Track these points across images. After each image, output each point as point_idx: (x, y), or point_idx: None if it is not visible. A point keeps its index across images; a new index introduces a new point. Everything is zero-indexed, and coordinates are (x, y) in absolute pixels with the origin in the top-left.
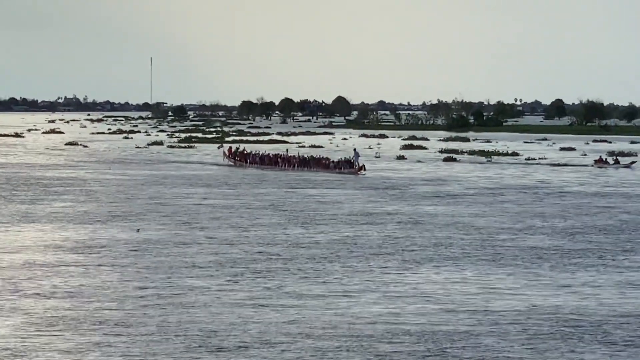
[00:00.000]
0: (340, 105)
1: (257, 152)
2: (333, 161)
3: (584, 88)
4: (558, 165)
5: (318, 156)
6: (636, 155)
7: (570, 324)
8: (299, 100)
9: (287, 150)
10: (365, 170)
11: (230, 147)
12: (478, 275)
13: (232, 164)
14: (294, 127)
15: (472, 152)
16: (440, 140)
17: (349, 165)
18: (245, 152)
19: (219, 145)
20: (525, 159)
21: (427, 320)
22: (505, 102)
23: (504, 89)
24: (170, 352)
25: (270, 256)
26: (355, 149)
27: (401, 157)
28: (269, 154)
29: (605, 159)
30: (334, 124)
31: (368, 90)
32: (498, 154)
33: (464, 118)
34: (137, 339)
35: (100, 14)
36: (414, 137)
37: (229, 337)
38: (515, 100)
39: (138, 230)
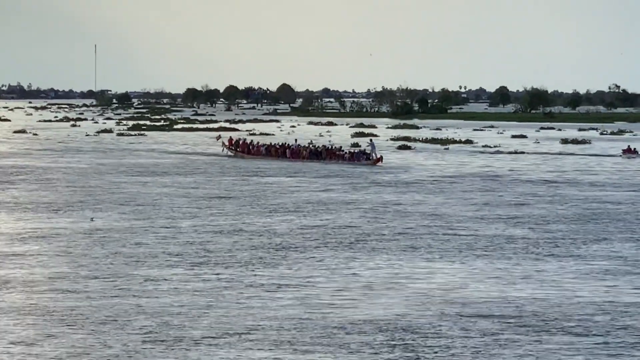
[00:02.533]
0: (285, 93)
1: (259, 142)
2: (349, 152)
3: (528, 75)
4: (587, 155)
5: (331, 147)
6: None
7: (533, 314)
8: (243, 88)
9: (295, 140)
10: (382, 161)
11: (231, 137)
12: (441, 265)
13: (231, 154)
14: (235, 114)
15: (425, 140)
16: (388, 127)
17: (365, 157)
18: (247, 142)
19: (218, 135)
20: (483, 146)
21: (390, 311)
22: (450, 90)
23: (449, 76)
24: (125, 343)
25: (231, 246)
26: (370, 140)
27: (355, 145)
28: (274, 144)
29: (634, 148)
30: (278, 111)
31: (313, 78)
32: (452, 141)
33: (408, 105)
34: (91, 329)
35: (43, 1)
36: (362, 125)
37: (187, 328)
38: (460, 87)
39: (92, 220)
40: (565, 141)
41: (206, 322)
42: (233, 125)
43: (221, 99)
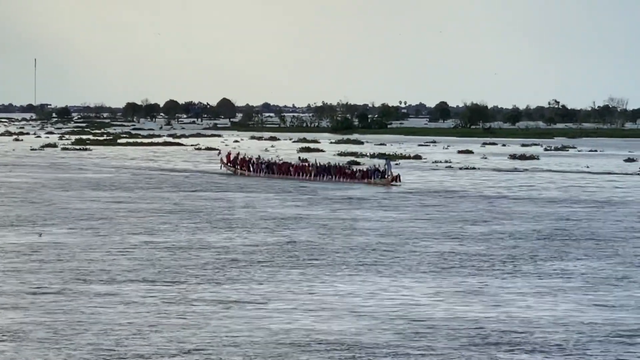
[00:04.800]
0: (225, 107)
1: (260, 158)
2: (360, 170)
3: (468, 91)
4: (605, 174)
5: (339, 164)
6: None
7: (490, 332)
8: (183, 102)
9: (299, 157)
10: (400, 180)
11: (229, 153)
12: (397, 282)
13: (230, 172)
14: (174, 128)
15: (373, 155)
16: (332, 142)
17: (379, 175)
18: (247, 159)
19: (218, 151)
20: (433, 162)
21: (345, 329)
22: (390, 105)
23: (389, 91)
24: (65, 359)
25: (182, 262)
26: (386, 157)
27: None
28: (277, 161)
29: None
30: (218, 126)
31: (253, 93)
32: (401, 157)
33: (348, 120)
34: (37, 345)
35: None
36: (305, 140)
37: (136, 345)
38: (400, 102)
39: (40, 235)
40: (513, 156)
41: (155, 338)
42: (178, 140)
43: (161, 114)
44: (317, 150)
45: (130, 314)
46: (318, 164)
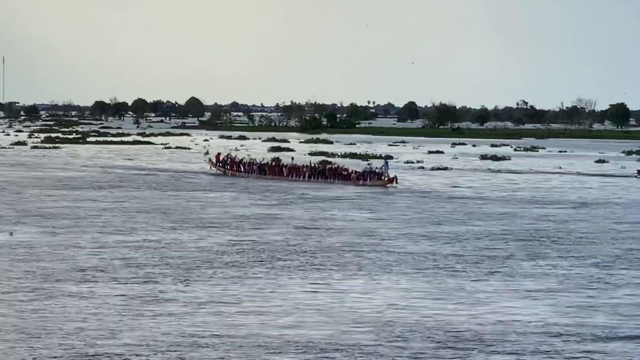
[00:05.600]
0: (194, 106)
1: (252, 159)
2: (355, 171)
3: (436, 91)
4: (597, 176)
5: (334, 165)
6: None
7: (466, 333)
8: (152, 101)
9: (292, 158)
10: (397, 182)
11: (219, 154)
12: (373, 283)
13: (220, 172)
14: (150, 127)
15: (344, 155)
16: (301, 142)
17: (376, 177)
18: (238, 160)
19: (206, 151)
20: (405, 162)
21: (319, 331)
22: (358, 104)
23: (357, 91)
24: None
25: (155, 261)
26: (385, 158)
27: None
28: (269, 162)
29: None
30: (187, 124)
31: (221, 92)
32: (373, 157)
33: (316, 120)
34: (7, 346)
35: None
36: (274, 139)
37: (103, 346)
38: (369, 102)
39: (11, 234)
40: (484, 157)
41: (127, 338)
42: (147, 139)
43: (129, 112)
44: (288, 149)
45: (102, 313)
46: (311, 166)
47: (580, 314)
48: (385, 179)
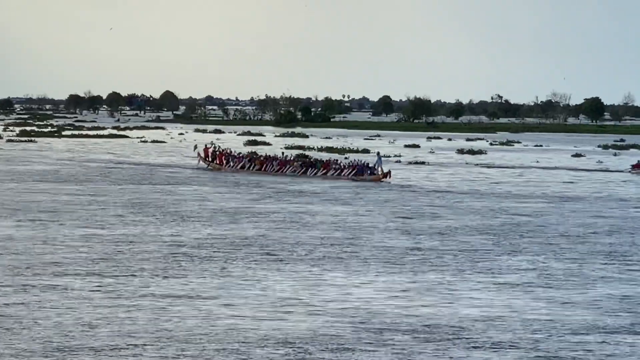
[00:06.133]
0: (168, 100)
1: (240, 153)
2: (348, 165)
3: (411, 85)
4: (590, 171)
5: (328, 159)
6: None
7: (444, 328)
8: (126, 95)
9: (282, 152)
10: (390, 177)
11: (206, 147)
12: (351, 278)
13: (209, 167)
14: (116, 120)
15: (321, 149)
16: (277, 136)
17: (369, 171)
18: (227, 153)
19: (195, 146)
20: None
21: (298, 325)
22: (333, 98)
23: (332, 85)
24: (14, 354)
25: (133, 255)
26: (378, 152)
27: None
28: (260, 156)
29: None
30: (161, 118)
31: (196, 85)
32: (350, 150)
33: (291, 114)
34: None
35: None
36: (249, 133)
37: (81, 339)
38: (343, 96)
39: None
40: (461, 151)
41: (105, 333)
42: (123, 132)
43: (104, 106)
44: (264, 143)
45: (80, 308)
46: (302, 159)
47: (559, 308)
48: (379, 173)
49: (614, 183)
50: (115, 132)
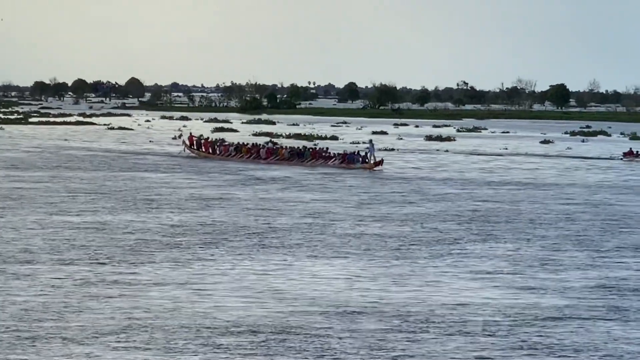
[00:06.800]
0: (134, 87)
1: (226, 141)
2: (338, 153)
3: (377, 72)
4: (586, 159)
5: (315, 147)
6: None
7: (415, 314)
8: (92, 82)
9: (270, 140)
10: (382, 165)
11: (191, 134)
12: (323, 264)
13: (193, 155)
14: (90, 108)
15: (289, 136)
16: (243, 122)
17: (361, 160)
18: (212, 141)
19: (179, 134)
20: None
21: (267, 312)
22: (299, 85)
23: (298, 72)
24: None
25: (100, 242)
26: (370, 140)
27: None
28: (246, 144)
29: (637, 152)
30: (127, 105)
31: (162, 72)
32: (318, 137)
33: (257, 100)
34: None
35: None
36: (216, 120)
37: (49, 328)
38: (309, 83)
39: None
40: (429, 138)
41: (74, 322)
42: (89, 119)
43: (69, 93)
44: (231, 130)
45: (48, 295)
46: (289, 148)
47: (530, 295)
48: (371, 162)
49: (619, 170)
50: (81, 119)
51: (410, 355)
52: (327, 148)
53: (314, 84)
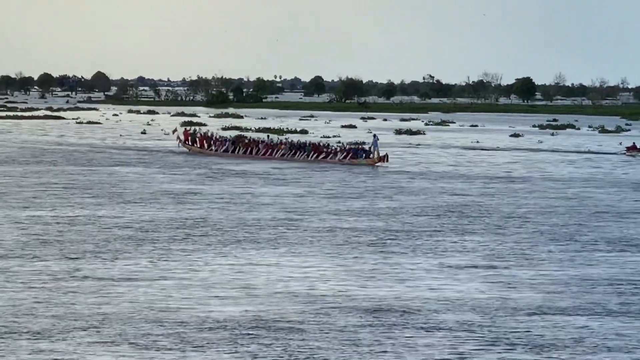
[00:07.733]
0: (100, 81)
1: (220, 135)
2: (341, 148)
3: (343, 65)
4: (587, 153)
5: (318, 142)
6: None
7: (389, 310)
8: (58, 76)
9: (268, 135)
10: (387, 160)
11: (186, 129)
12: (297, 259)
13: (187, 150)
14: (66, 102)
15: (259, 130)
16: (211, 116)
17: (364, 154)
18: (208, 136)
19: (174, 128)
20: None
21: (239, 307)
22: (265, 79)
23: (264, 65)
24: None
25: (73, 237)
26: (374, 134)
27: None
28: (245, 138)
29: None
30: (93, 99)
31: (128, 66)
32: (288, 131)
33: (223, 94)
34: None
35: None
36: (183, 114)
37: (21, 323)
38: (275, 77)
39: None
40: (399, 132)
41: (45, 317)
42: (57, 114)
43: (35, 87)
44: (200, 124)
45: (19, 291)
46: (290, 142)
47: (506, 289)
48: (375, 157)
49: (600, 165)
50: (49, 113)
51: (385, 350)
52: (328, 143)
53: (280, 78)
